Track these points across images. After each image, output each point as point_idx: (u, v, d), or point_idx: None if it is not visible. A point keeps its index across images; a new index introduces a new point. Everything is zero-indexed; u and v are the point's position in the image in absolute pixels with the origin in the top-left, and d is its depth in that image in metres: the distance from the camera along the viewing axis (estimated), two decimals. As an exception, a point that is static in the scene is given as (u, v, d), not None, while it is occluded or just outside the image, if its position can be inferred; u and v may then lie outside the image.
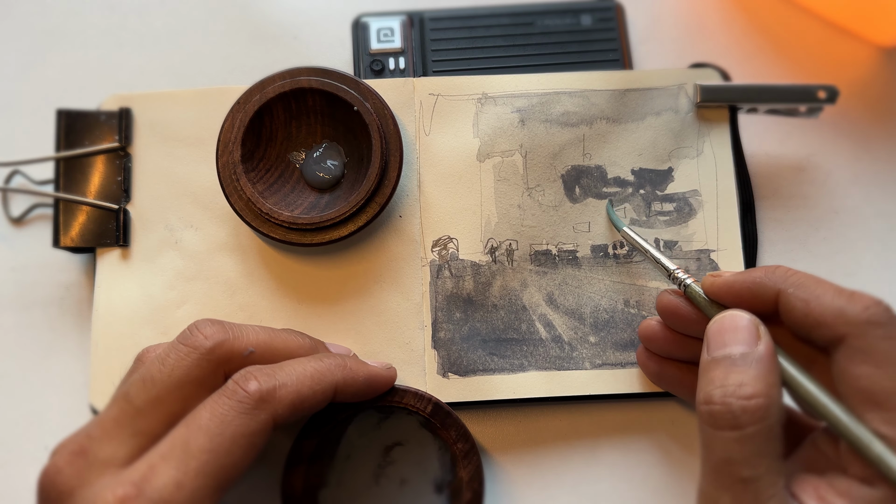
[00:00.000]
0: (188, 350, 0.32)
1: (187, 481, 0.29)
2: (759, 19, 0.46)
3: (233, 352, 0.33)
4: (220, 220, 0.41)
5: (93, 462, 0.30)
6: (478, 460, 0.36)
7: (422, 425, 0.38)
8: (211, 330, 0.33)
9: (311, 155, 0.41)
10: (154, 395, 0.31)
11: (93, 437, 0.31)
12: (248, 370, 0.32)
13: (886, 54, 0.45)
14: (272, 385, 0.31)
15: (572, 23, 0.44)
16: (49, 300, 0.42)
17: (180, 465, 0.29)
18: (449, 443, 0.37)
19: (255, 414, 0.31)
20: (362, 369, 0.35)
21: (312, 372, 0.33)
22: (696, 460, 0.39)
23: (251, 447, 0.30)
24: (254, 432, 0.30)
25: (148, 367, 0.32)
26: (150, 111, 0.42)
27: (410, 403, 0.37)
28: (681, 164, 0.41)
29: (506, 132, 0.41)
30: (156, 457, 0.30)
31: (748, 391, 0.29)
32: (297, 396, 0.32)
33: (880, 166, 0.43)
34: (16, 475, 0.40)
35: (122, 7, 0.46)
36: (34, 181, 0.43)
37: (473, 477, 0.36)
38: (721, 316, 0.33)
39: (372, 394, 0.36)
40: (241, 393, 0.31)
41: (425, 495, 0.38)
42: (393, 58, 0.43)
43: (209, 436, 0.30)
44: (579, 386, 0.39)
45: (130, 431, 0.31)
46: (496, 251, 0.40)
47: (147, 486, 0.29)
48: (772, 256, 0.42)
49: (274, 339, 0.34)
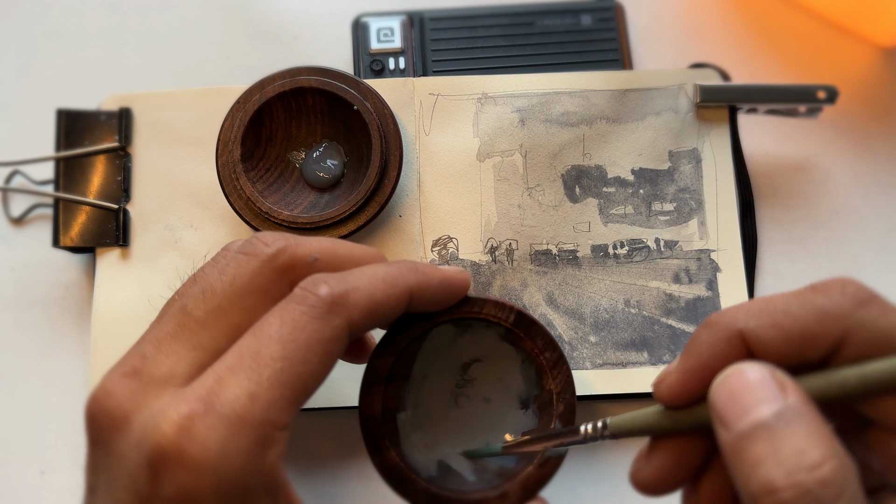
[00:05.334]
0: (249, 258, 0.29)
1: (261, 392, 0.26)
2: (759, 19, 0.46)
3: (296, 258, 0.30)
4: (220, 220, 0.41)
5: (148, 382, 0.27)
6: (567, 370, 0.34)
7: (501, 338, 0.36)
8: (272, 238, 0.30)
9: (310, 154, 0.41)
10: (215, 304, 0.29)
11: (147, 355, 0.28)
12: (316, 276, 0.29)
13: (886, 54, 0.45)
14: (344, 288, 0.29)
15: (572, 23, 0.44)
16: (49, 300, 0.42)
17: (252, 374, 0.26)
18: (534, 354, 0.34)
19: (328, 319, 0.28)
20: (436, 272, 0.32)
21: (384, 275, 0.30)
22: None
23: (327, 355, 0.28)
24: (329, 338, 0.28)
25: (206, 278, 0.29)
26: (150, 111, 0.42)
27: (491, 314, 0.34)
28: (681, 164, 0.41)
29: (506, 132, 0.41)
30: (223, 369, 0.27)
31: (815, 457, 0.23)
32: (371, 300, 0.29)
33: (880, 166, 0.43)
34: (16, 475, 0.40)
35: (122, 7, 0.46)
36: (34, 181, 0.43)
37: (565, 388, 0.34)
38: (722, 379, 0.26)
39: (449, 300, 0.33)
40: (311, 297, 0.28)
41: (510, 412, 0.35)
42: (393, 58, 0.43)
43: (282, 343, 0.27)
44: (579, 386, 0.39)
45: (190, 346, 0.28)
46: (496, 251, 0.40)
47: (216, 400, 0.26)
48: (772, 256, 0.42)
49: (339, 246, 0.31)
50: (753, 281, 0.41)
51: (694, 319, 0.39)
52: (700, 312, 0.40)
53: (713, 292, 0.40)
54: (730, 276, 0.40)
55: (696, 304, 0.40)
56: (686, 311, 0.40)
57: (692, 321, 0.39)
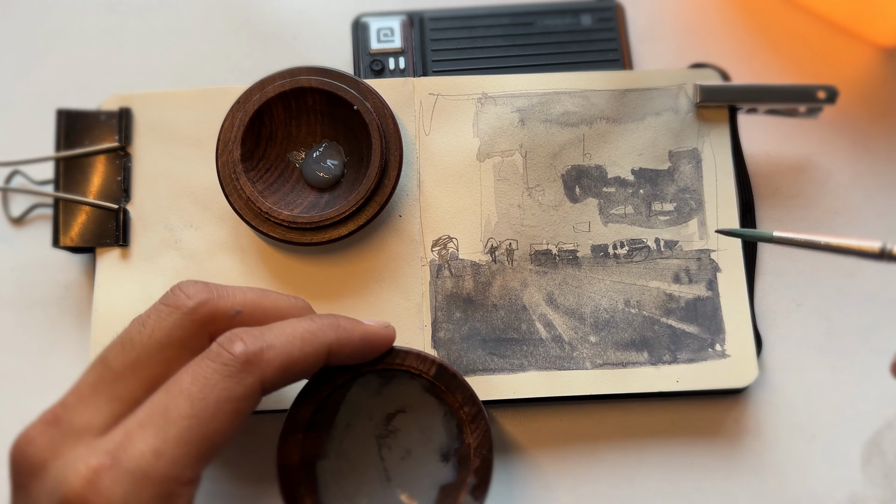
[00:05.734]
0: (170, 310, 0.30)
1: (167, 449, 0.27)
2: (759, 19, 0.46)
3: (218, 312, 0.30)
4: (219, 220, 0.41)
5: (67, 431, 0.28)
6: (486, 425, 0.34)
7: (425, 390, 0.36)
8: (194, 289, 0.30)
9: (310, 154, 0.41)
10: (133, 357, 0.29)
11: (68, 405, 0.29)
12: (233, 331, 0.30)
13: (886, 54, 0.45)
14: (259, 347, 0.29)
15: (572, 23, 0.44)
16: (49, 300, 0.42)
17: (159, 432, 0.27)
18: (455, 407, 0.35)
19: (241, 377, 0.28)
20: (357, 328, 0.33)
21: (303, 332, 0.30)
22: (696, 460, 0.39)
23: (237, 413, 0.28)
24: (240, 397, 0.28)
25: (128, 330, 0.30)
26: (150, 111, 0.42)
27: (413, 366, 0.35)
28: (681, 164, 0.41)
29: (506, 132, 0.41)
30: (133, 424, 0.28)
31: None
32: (286, 358, 0.29)
33: (880, 166, 0.43)
34: (15, 475, 0.40)
35: (122, 7, 0.46)
36: (34, 181, 0.43)
37: (482, 443, 0.34)
38: None
39: (370, 355, 0.34)
40: (225, 355, 0.28)
41: (431, 464, 0.36)
42: (393, 58, 0.43)
43: (191, 401, 0.28)
44: (579, 386, 0.39)
45: (107, 397, 0.29)
46: (496, 251, 0.40)
47: (123, 454, 0.27)
48: (771, 256, 0.42)
49: (263, 298, 0.32)
50: (753, 281, 0.41)
51: (694, 319, 0.39)
52: (700, 312, 0.40)
53: (713, 292, 0.40)
54: (730, 276, 0.40)
55: (696, 304, 0.40)
56: (686, 311, 0.40)
57: (692, 321, 0.39)
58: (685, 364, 0.39)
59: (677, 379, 0.39)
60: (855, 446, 0.40)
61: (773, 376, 0.40)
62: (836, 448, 0.40)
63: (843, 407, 0.40)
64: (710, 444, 0.40)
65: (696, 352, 0.39)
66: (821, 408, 0.40)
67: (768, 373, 0.40)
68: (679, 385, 0.39)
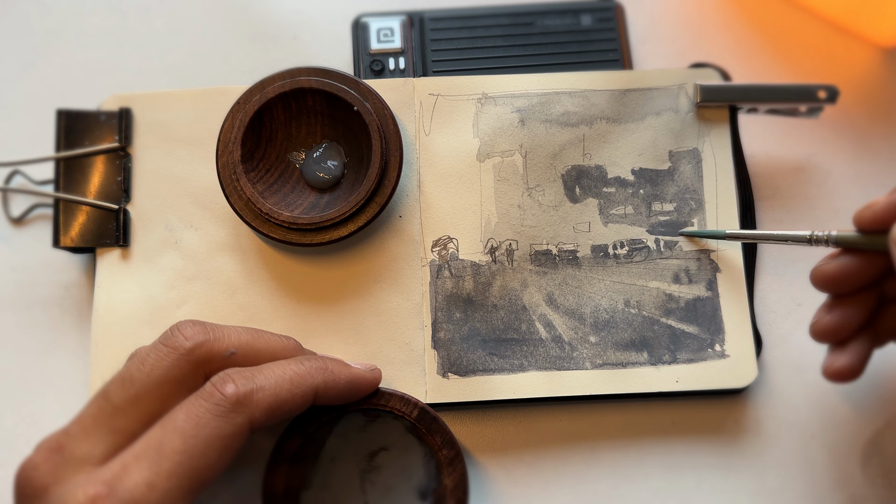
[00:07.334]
0: (168, 350, 0.32)
1: (159, 482, 0.29)
2: (759, 19, 0.46)
3: (213, 353, 0.33)
4: (220, 220, 0.41)
5: (68, 459, 0.30)
6: (463, 468, 0.36)
7: (408, 430, 0.38)
8: (192, 331, 0.33)
9: (311, 155, 0.41)
10: (132, 394, 0.31)
11: (70, 434, 0.31)
12: (226, 373, 0.32)
13: (886, 54, 0.45)
14: (249, 388, 0.31)
15: (572, 23, 0.44)
16: (49, 300, 0.42)
17: (153, 465, 0.29)
18: (434, 448, 0.36)
19: (230, 417, 0.31)
20: (344, 372, 0.35)
21: (292, 375, 0.33)
22: (696, 460, 0.39)
23: (226, 450, 0.31)
24: (229, 435, 0.30)
25: (128, 367, 0.32)
26: (150, 111, 0.42)
27: (396, 407, 0.36)
28: (681, 164, 0.41)
29: (506, 132, 0.41)
30: (129, 456, 0.30)
31: None
32: (274, 400, 0.32)
33: (880, 166, 0.43)
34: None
35: (122, 7, 0.46)
36: (34, 181, 0.43)
37: (458, 485, 0.36)
38: None
39: (355, 397, 0.36)
40: (217, 395, 0.31)
41: (409, 502, 0.37)
42: (393, 58, 0.43)
43: (183, 437, 0.30)
44: (579, 386, 0.39)
45: (107, 430, 0.31)
46: (496, 251, 0.40)
47: (119, 485, 0.29)
48: (771, 256, 0.42)
49: (256, 340, 0.34)
50: (753, 281, 0.41)
51: (694, 320, 0.40)
52: (700, 313, 0.40)
53: (713, 292, 0.40)
54: (730, 276, 0.40)
55: (696, 304, 0.40)
56: (686, 311, 0.40)
57: (692, 321, 0.40)
58: (685, 364, 0.39)
59: (677, 379, 0.39)
60: (855, 446, 0.40)
61: (773, 376, 0.40)
62: (836, 448, 0.40)
63: (843, 407, 0.40)
64: (710, 444, 0.40)
65: (695, 352, 0.39)
66: (821, 408, 0.40)
67: (768, 373, 0.40)
68: (679, 385, 0.39)
